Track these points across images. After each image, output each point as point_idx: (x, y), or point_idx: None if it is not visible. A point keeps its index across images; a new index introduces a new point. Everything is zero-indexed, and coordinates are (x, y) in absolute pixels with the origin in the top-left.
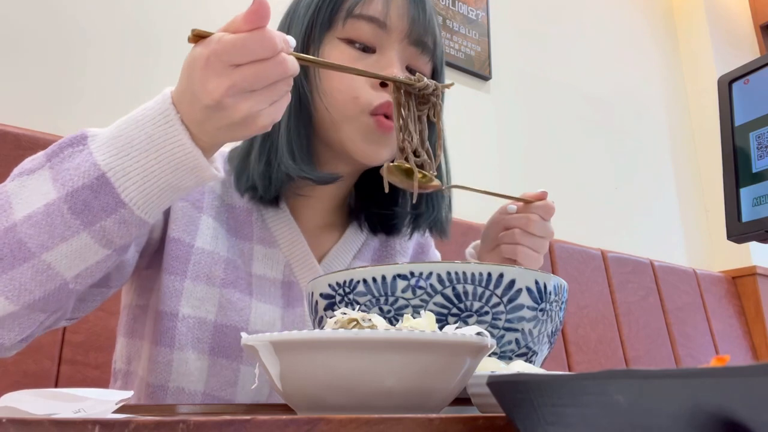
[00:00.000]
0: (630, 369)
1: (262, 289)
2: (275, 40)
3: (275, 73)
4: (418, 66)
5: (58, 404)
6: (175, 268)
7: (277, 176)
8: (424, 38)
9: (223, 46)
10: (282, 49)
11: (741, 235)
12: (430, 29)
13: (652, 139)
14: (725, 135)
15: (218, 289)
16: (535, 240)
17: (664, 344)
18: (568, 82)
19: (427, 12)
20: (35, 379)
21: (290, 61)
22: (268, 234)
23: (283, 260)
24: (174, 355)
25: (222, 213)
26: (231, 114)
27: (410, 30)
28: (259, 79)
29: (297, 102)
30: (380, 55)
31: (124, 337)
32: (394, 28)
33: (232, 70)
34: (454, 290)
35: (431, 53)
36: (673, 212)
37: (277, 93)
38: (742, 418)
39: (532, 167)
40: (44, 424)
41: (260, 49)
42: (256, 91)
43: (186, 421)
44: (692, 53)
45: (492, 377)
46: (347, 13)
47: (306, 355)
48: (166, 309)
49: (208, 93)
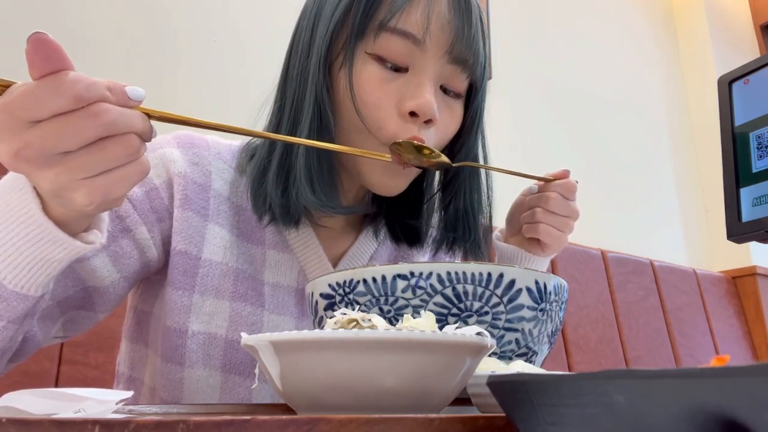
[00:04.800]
0: (630, 369)
1: (275, 298)
2: (77, 87)
3: (86, 127)
4: (454, 85)
5: (58, 404)
6: (182, 282)
7: (295, 207)
8: (465, 55)
9: (14, 97)
10: (94, 97)
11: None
12: (475, 44)
13: (652, 139)
14: (725, 135)
15: (228, 302)
16: (557, 218)
17: (664, 344)
18: (568, 82)
19: (472, 24)
20: (35, 379)
21: (115, 112)
22: (280, 238)
23: (297, 266)
24: (185, 372)
25: (231, 217)
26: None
27: (452, 47)
28: (62, 138)
29: (318, 122)
30: (412, 76)
31: (128, 340)
32: (432, 45)
33: (27, 128)
34: (454, 290)
35: (471, 70)
36: (673, 212)
37: (107, 159)
38: (742, 418)
39: (532, 167)
40: (44, 424)
41: (55, 98)
42: (68, 156)
43: (186, 421)
44: (692, 53)
45: (492, 377)
46: (380, 25)
47: (306, 355)
48: (174, 325)
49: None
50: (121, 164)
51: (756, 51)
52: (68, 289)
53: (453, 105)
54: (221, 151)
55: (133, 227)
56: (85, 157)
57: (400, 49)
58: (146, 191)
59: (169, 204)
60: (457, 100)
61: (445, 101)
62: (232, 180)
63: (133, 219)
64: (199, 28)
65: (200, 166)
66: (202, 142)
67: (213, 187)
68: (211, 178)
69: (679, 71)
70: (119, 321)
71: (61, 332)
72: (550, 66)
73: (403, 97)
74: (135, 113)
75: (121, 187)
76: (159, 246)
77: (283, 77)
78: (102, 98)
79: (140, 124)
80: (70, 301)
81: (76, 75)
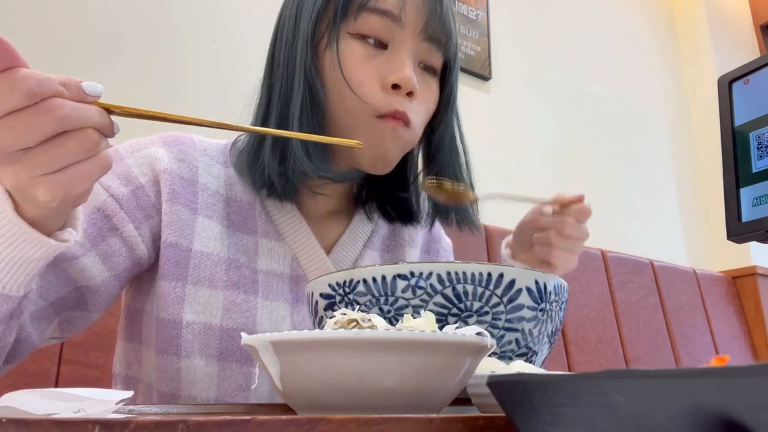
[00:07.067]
0: (630, 369)
1: (269, 285)
2: (28, 83)
3: (40, 123)
4: (431, 62)
5: (58, 404)
6: (175, 273)
7: (293, 174)
8: (439, 34)
9: None
10: (47, 93)
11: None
12: (446, 24)
13: (652, 139)
14: (725, 135)
15: (221, 291)
16: (571, 242)
17: (664, 344)
18: (568, 82)
19: (444, 5)
20: (35, 379)
21: (69, 107)
22: (272, 227)
23: (290, 254)
24: (182, 363)
25: (221, 209)
26: None
27: (426, 25)
28: (16, 135)
29: (308, 97)
30: (392, 53)
31: (122, 340)
32: (409, 22)
33: None
34: (454, 290)
35: (444, 48)
36: (673, 212)
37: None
38: (742, 418)
39: (532, 167)
40: (44, 424)
41: (8, 95)
42: (26, 153)
43: (186, 421)
44: (692, 53)
45: (492, 377)
46: (360, 5)
47: (306, 355)
48: (168, 317)
49: None
50: (79, 159)
51: (756, 51)
52: (60, 290)
53: (429, 81)
54: (207, 147)
55: (120, 225)
56: (42, 155)
57: (380, 26)
58: (132, 190)
59: (156, 201)
60: (434, 77)
61: (423, 77)
62: (219, 174)
63: (120, 217)
64: (199, 28)
65: (186, 162)
66: (187, 140)
67: (200, 182)
68: (198, 173)
69: (679, 71)
70: (119, 321)
71: (57, 333)
72: (550, 66)
73: (386, 72)
74: (91, 108)
75: (82, 182)
76: (149, 243)
77: (269, 63)
78: (56, 93)
79: (97, 118)
80: (63, 301)
81: (27, 72)
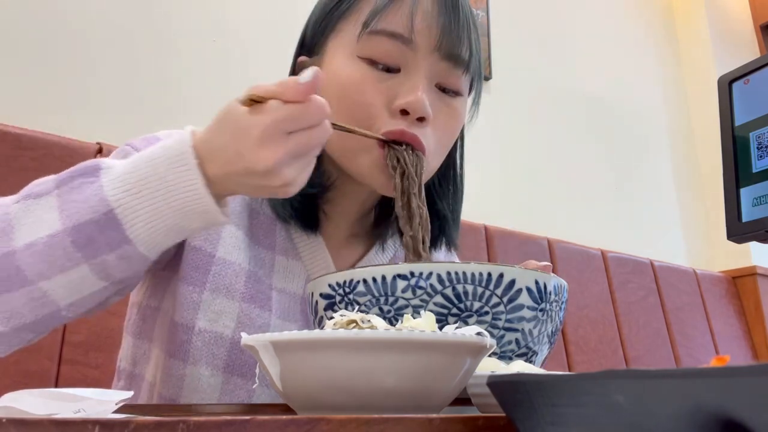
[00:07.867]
0: (630, 369)
1: (282, 304)
2: (325, 108)
3: (321, 139)
4: (450, 82)
5: (58, 404)
6: (194, 278)
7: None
8: (457, 50)
9: (284, 115)
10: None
11: (741, 235)
12: (465, 38)
13: (652, 139)
14: (725, 135)
15: (238, 303)
16: None
17: (664, 344)
18: (568, 83)
19: (460, 17)
20: (35, 379)
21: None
22: (291, 245)
23: (304, 274)
24: (187, 369)
25: (245, 219)
26: (274, 180)
27: (440, 42)
28: (309, 147)
29: None
30: (404, 75)
31: (131, 336)
32: (420, 42)
33: (287, 138)
34: (454, 290)
35: (465, 66)
36: (673, 212)
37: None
38: (742, 418)
39: (532, 167)
40: (44, 424)
41: (315, 117)
42: (300, 158)
43: (186, 421)
44: (692, 53)
45: (492, 377)
46: (363, 27)
47: (306, 355)
48: (182, 321)
49: (263, 159)
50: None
51: (756, 51)
52: None
53: (452, 103)
54: None
55: None
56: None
57: (389, 50)
58: None
59: None
60: (457, 97)
61: (443, 100)
62: None
63: None
64: (199, 28)
65: None
66: None
67: None
68: None
69: (679, 71)
70: (119, 321)
71: None
72: (550, 66)
73: (395, 96)
74: None
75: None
76: None
77: None
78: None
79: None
80: None
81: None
